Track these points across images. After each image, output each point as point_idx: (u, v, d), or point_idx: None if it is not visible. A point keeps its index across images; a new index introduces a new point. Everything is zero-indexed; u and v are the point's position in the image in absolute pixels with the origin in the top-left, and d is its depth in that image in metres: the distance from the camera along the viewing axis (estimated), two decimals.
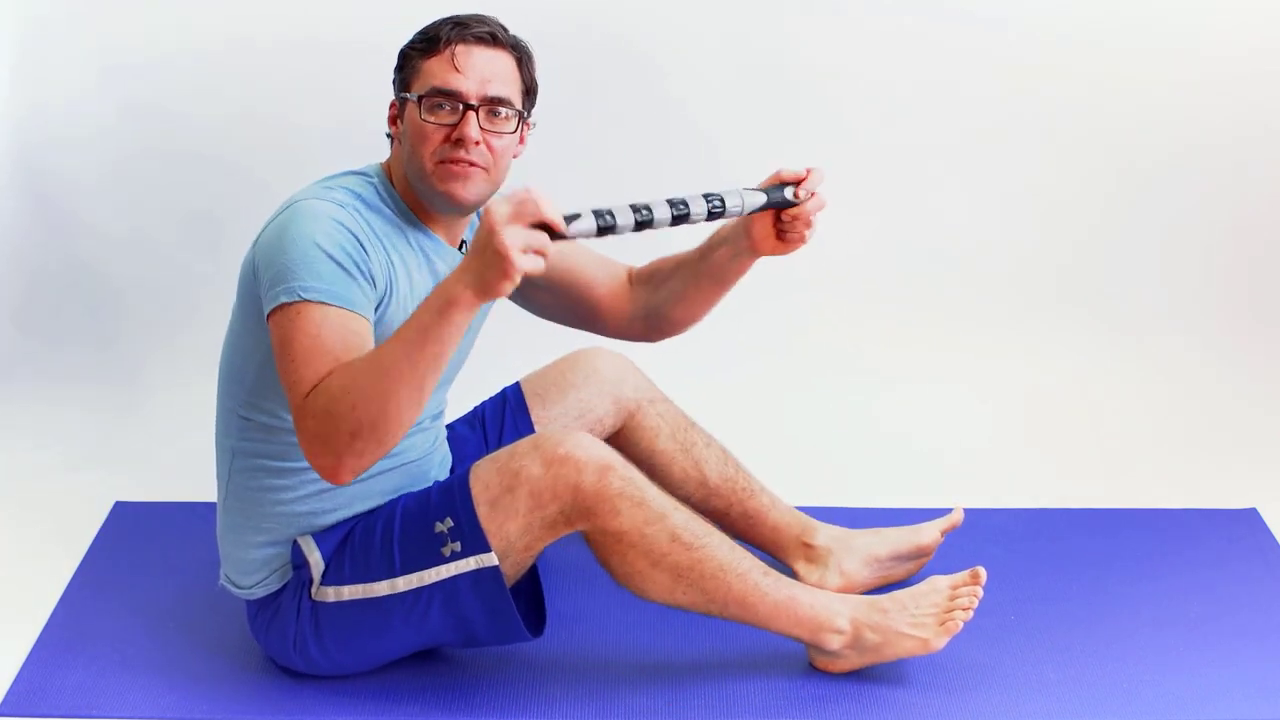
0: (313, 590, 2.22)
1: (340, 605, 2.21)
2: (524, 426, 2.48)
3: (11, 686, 2.28)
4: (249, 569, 2.26)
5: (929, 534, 2.51)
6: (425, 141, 2.14)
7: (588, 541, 2.23)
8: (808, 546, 2.49)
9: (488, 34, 2.15)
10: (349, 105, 3.22)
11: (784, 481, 2.68)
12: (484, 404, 2.56)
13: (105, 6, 3.18)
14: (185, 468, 2.91)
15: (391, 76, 2.22)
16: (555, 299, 2.42)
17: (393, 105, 2.21)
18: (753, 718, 2.22)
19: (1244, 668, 2.32)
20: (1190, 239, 3.34)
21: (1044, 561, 2.61)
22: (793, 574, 2.45)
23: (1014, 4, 3.21)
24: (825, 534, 2.50)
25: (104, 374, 3.21)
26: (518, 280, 1.88)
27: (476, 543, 2.16)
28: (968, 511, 2.61)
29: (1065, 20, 3.22)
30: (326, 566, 2.21)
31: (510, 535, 2.17)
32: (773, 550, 2.52)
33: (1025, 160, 3.30)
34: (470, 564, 2.17)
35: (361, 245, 2.10)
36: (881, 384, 3.22)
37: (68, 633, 2.40)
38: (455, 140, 2.13)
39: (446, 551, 2.17)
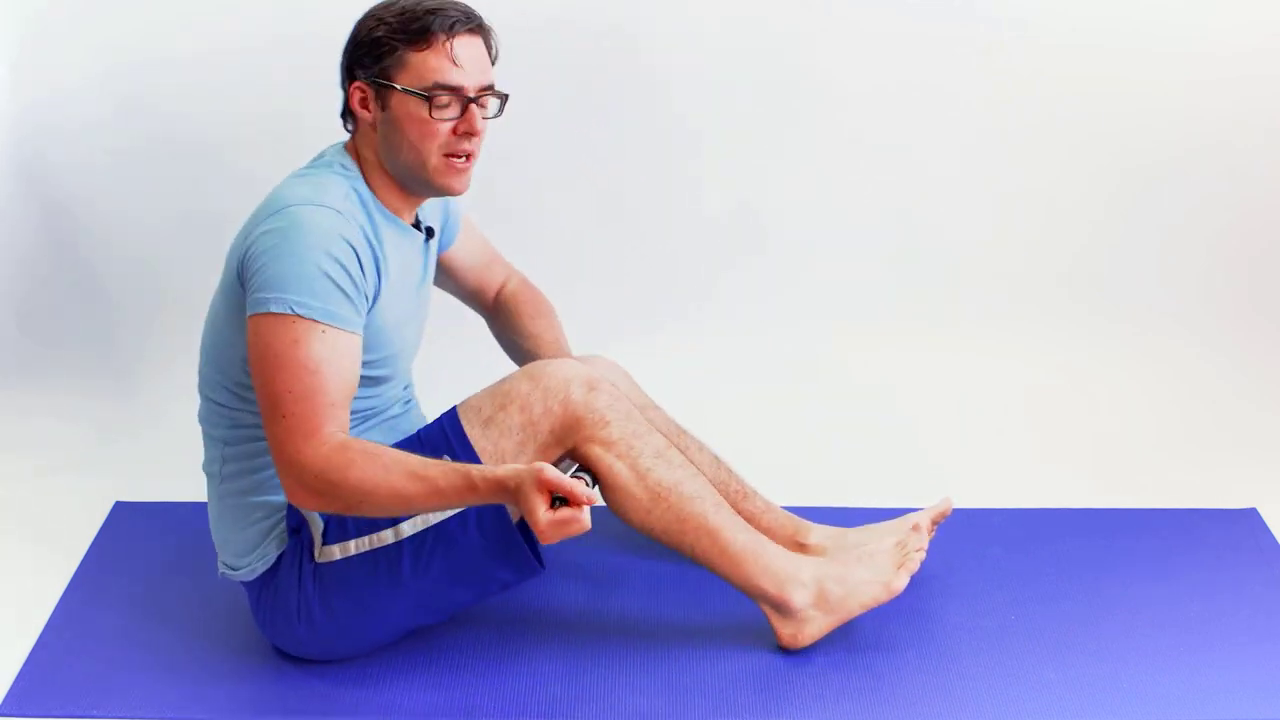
0: (315, 551, 2.22)
1: (346, 563, 2.21)
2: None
3: (11, 686, 2.28)
4: (244, 548, 2.27)
5: (920, 521, 2.50)
6: (431, 137, 2.17)
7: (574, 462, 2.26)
8: (802, 546, 2.49)
9: (475, 24, 2.18)
10: None
11: (780, 481, 2.68)
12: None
13: (105, 6, 3.17)
14: (185, 468, 2.90)
15: (349, 58, 2.20)
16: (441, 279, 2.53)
17: (359, 88, 2.20)
18: (752, 717, 2.22)
19: (1244, 668, 2.32)
20: (1191, 239, 3.34)
21: (1044, 561, 2.61)
22: None
23: (1015, 5, 3.21)
24: (819, 533, 2.51)
25: (103, 375, 3.21)
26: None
27: None
28: (968, 511, 2.62)
29: (1065, 20, 3.21)
30: (326, 525, 2.21)
31: (505, 455, 2.20)
32: None
33: (1027, 160, 3.30)
34: None
35: (361, 264, 2.13)
36: (881, 383, 3.22)
37: (68, 633, 2.41)
38: (463, 134, 2.17)
39: None
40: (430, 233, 2.35)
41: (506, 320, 2.57)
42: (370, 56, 2.18)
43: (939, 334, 3.31)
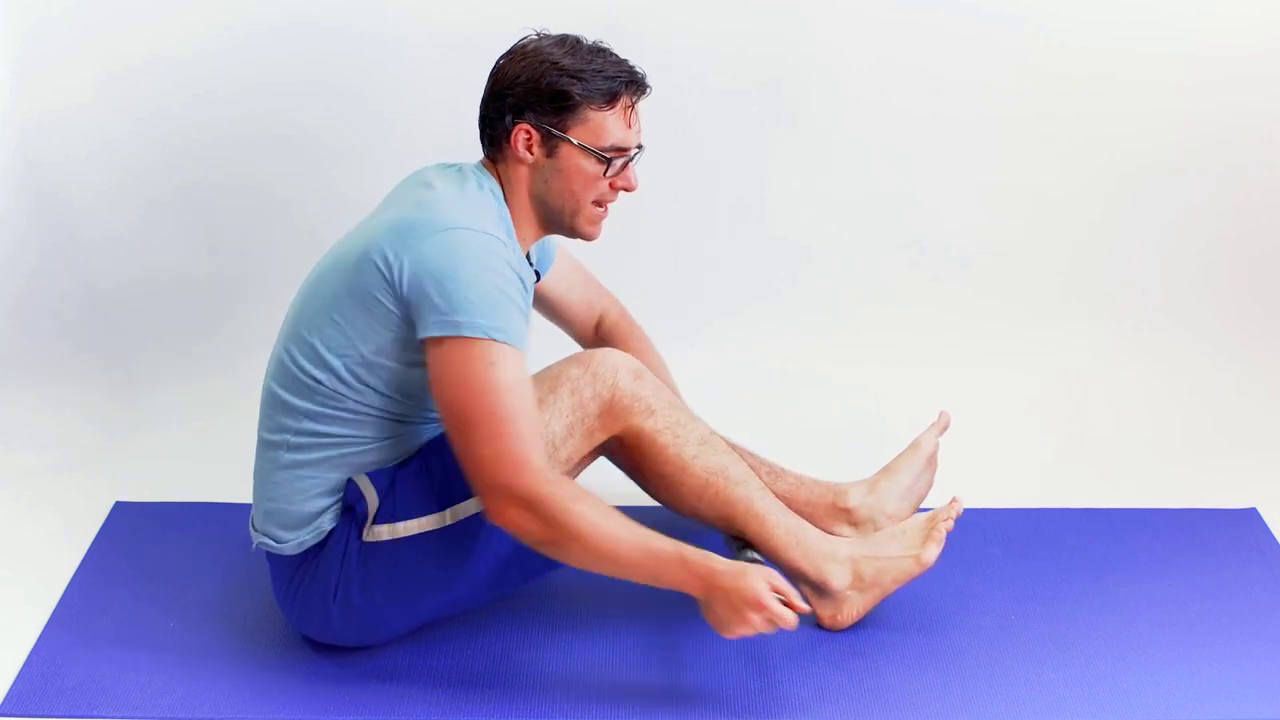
0: (365, 530, 2.23)
1: (393, 544, 2.22)
2: None
3: (12, 686, 2.28)
4: (298, 520, 2.26)
5: (927, 442, 2.59)
6: (592, 189, 2.25)
7: (619, 453, 2.33)
8: (845, 510, 2.54)
9: (648, 87, 2.27)
10: (354, 111, 3.22)
11: None
12: None
13: (107, 13, 3.17)
14: (185, 468, 2.91)
15: (519, 98, 2.22)
16: (540, 307, 2.58)
17: (528, 130, 2.22)
18: (753, 717, 2.23)
19: (1244, 668, 2.33)
20: (1191, 239, 3.34)
21: (1044, 561, 2.61)
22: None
23: (1015, 5, 3.21)
24: (855, 494, 2.55)
25: (104, 375, 3.21)
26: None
27: None
28: (968, 511, 2.61)
29: (1065, 20, 3.21)
30: (380, 503, 2.22)
31: (555, 437, 2.26)
32: (812, 523, 2.53)
33: (1026, 159, 3.30)
34: None
35: (524, 290, 2.17)
36: (880, 384, 3.21)
37: (68, 633, 2.41)
38: (619, 188, 2.26)
39: None
40: (538, 275, 2.41)
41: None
42: (550, 106, 2.21)
43: (938, 334, 3.31)
